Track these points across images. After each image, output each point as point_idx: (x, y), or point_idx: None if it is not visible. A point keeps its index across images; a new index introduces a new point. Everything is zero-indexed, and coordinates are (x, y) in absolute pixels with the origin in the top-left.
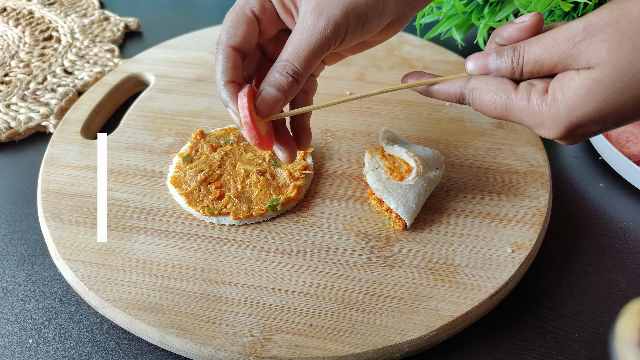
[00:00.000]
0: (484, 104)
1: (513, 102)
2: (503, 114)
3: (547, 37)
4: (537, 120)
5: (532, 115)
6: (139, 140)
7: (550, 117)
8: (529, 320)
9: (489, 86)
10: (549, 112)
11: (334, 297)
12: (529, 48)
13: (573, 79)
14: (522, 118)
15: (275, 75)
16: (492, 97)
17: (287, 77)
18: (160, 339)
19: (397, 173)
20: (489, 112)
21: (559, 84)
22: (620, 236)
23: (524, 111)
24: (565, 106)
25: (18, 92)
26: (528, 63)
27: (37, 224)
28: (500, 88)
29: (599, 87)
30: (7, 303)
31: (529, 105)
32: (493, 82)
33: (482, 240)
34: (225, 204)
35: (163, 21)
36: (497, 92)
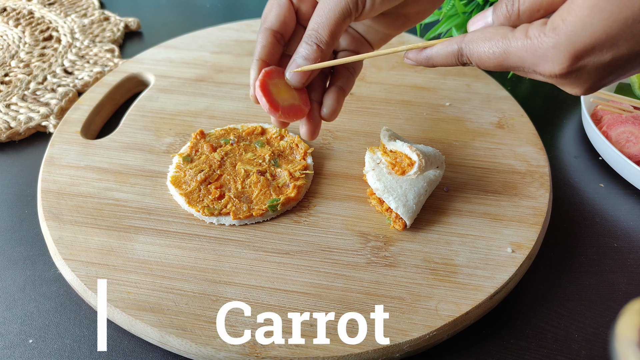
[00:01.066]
0: (482, 53)
1: (511, 42)
2: (503, 60)
3: None
4: (537, 54)
5: (531, 50)
6: (139, 140)
7: (552, 47)
8: (529, 320)
9: (485, 34)
10: (548, 41)
11: (334, 297)
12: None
13: (574, 2)
14: (522, 57)
15: (302, 46)
16: (489, 44)
17: (313, 45)
18: (160, 339)
19: (399, 167)
20: (488, 60)
21: (559, 13)
22: (620, 236)
23: (523, 49)
24: (565, 32)
25: (18, 92)
26: (525, 2)
27: (37, 224)
28: (498, 32)
29: (602, 2)
30: (7, 303)
31: (526, 41)
32: (490, 30)
33: (482, 240)
34: (225, 204)
35: (163, 21)
36: (493, 37)
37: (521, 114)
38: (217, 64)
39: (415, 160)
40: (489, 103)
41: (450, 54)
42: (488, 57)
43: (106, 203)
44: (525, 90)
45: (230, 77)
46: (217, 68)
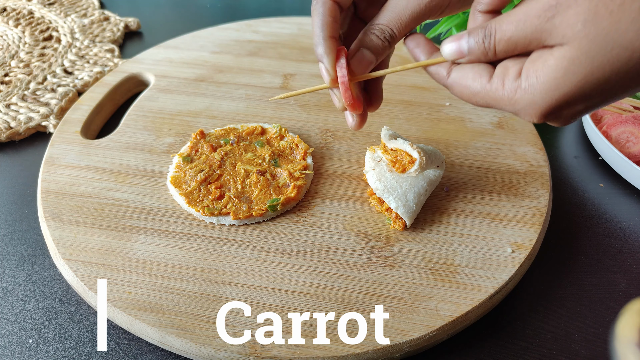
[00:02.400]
0: (466, 97)
1: (489, 92)
2: (486, 104)
3: (518, 12)
4: (515, 107)
5: (509, 102)
6: (139, 140)
7: (528, 104)
8: (529, 320)
9: (466, 79)
10: (525, 98)
11: (334, 297)
12: (500, 26)
13: (547, 61)
14: (502, 107)
15: (372, 38)
16: (470, 90)
17: (385, 41)
18: (160, 339)
19: (400, 165)
20: (474, 103)
21: (533, 67)
22: (620, 236)
23: (501, 100)
24: (540, 91)
25: (18, 92)
26: (500, 42)
27: (37, 224)
28: (477, 79)
29: (575, 66)
30: (7, 303)
31: (504, 94)
32: (469, 74)
33: (482, 240)
34: (225, 204)
35: (163, 21)
36: (473, 84)
37: None
38: (217, 64)
39: (416, 158)
40: None
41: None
42: (473, 102)
43: (106, 203)
44: None
45: (230, 77)
46: (217, 68)
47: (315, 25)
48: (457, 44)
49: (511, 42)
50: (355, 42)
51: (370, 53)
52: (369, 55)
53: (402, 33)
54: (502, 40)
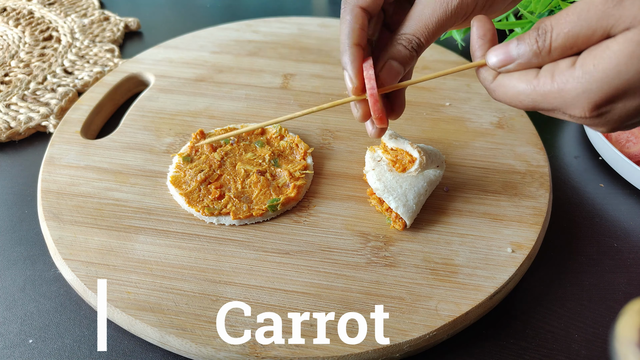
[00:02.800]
0: (509, 98)
1: (536, 88)
2: (532, 103)
3: (578, 5)
4: (565, 99)
5: (559, 95)
6: (139, 140)
7: (581, 93)
8: (529, 320)
9: (511, 79)
10: (578, 87)
11: (334, 297)
12: (557, 22)
13: (609, 47)
14: (550, 101)
15: (399, 49)
16: (516, 89)
17: (412, 51)
18: (160, 339)
19: (400, 164)
20: (518, 105)
21: (591, 55)
22: (620, 236)
23: (550, 94)
24: (597, 79)
25: (18, 92)
26: (559, 37)
27: (37, 224)
28: (522, 77)
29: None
30: (7, 303)
31: (553, 86)
32: (515, 74)
33: (482, 240)
34: (225, 204)
35: (163, 21)
36: (518, 83)
37: (521, 114)
38: (217, 64)
39: (417, 157)
40: (489, 103)
41: (483, 82)
42: (517, 104)
43: (106, 203)
44: None
45: (230, 77)
46: (217, 68)
47: (342, 33)
48: (505, 49)
49: (571, 36)
50: (382, 54)
51: (398, 64)
52: (396, 66)
53: (429, 41)
54: (561, 35)
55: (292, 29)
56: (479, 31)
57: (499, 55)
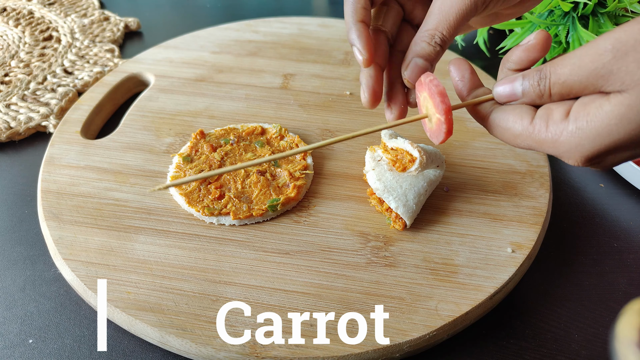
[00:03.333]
0: (506, 138)
1: (532, 134)
2: (528, 147)
3: (572, 56)
4: (559, 149)
5: (552, 145)
6: (139, 140)
7: (573, 147)
8: (529, 320)
9: (507, 121)
10: (571, 141)
11: (334, 297)
12: (554, 69)
13: (601, 106)
14: (544, 148)
15: (422, 46)
16: (512, 132)
17: (436, 46)
18: (160, 339)
19: (400, 164)
20: (515, 145)
21: (584, 111)
22: (620, 236)
23: (544, 142)
24: (589, 135)
25: (18, 92)
26: (555, 85)
27: (37, 224)
28: (517, 121)
29: (632, 113)
30: (7, 303)
31: (547, 136)
32: (510, 116)
33: (482, 240)
34: (225, 204)
35: (163, 21)
36: (514, 126)
37: None
38: (217, 64)
39: (417, 157)
40: None
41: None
42: (514, 143)
43: (106, 203)
44: None
45: (230, 77)
46: (217, 68)
47: (346, 14)
48: (511, 86)
49: (566, 86)
50: (407, 53)
51: (423, 61)
52: (422, 64)
53: (452, 35)
54: (557, 83)
55: (292, 29)
56: (457, 74)
57: (505, 90)
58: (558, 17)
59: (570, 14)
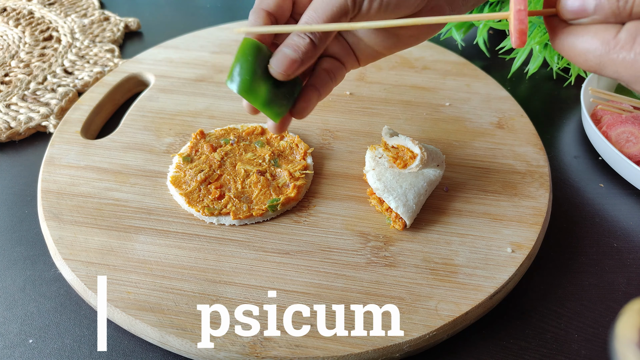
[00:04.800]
0: (574, 55)
1: (612, 50)
2: (597, 67)
3: None
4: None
5: (632, 66)
6: (139, 140)
7: None
8: (529, 320)
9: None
10: None
11: (334, 297)
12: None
13: None
14: (618, 71)
15: (293, 38)
16: (584, 47)
17: (305, 38)
18: (160, 339)
19: (401, 161)
20: (580, 62)
21: None
22: (620, 236)
23: (624, 61)
24: None
25: (18, 92)
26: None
27: (37, 224)
28: (599, 33)
29: None
30: (7, 303)
31: (630, 55)
32: (591, 31)
33: (482, 240)
34: (225, 204)
35: (163, 21)
36: (592, 40)
37: (521, 114)
38: (217, 64)
39: (418, 154)
40: (489, 103)
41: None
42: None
43: (106, 203)
44: (525, 90)
45: None
46: (217, 68)
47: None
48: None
49: None
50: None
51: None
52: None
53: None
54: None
55: None
56: None
57: (574, 4)
58: None
59: None
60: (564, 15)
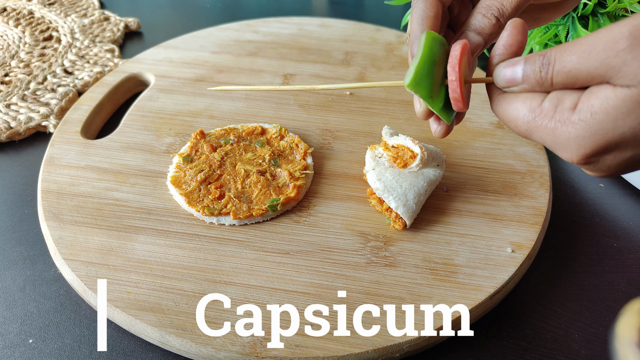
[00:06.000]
0: (507, 117)
1: (536, 118)
2: (526, 133)
3: (583, 42)
4: (557, 139)
5: (552, 133)
6: (139, 140)
7: (572, 139)
8: (529, 320)
9: (516, 102)
10: (571, 132)
11: (334, 297)
12: (560, 56)
13: (607, 99)
14: (542, 137)
15: (477, 18)
16: (516, 111)
17: (492, 18)
18: (160, 339)
19: (401, 160)
20: (512, 128)
21: (589, 102)
22: (620, 236)
23: (545, 129)
24: (591, 128)
25: (18, 92)
26: (559, 74)
27: (37, 224)
28: (527, 101)
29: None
30: (7, 303)
31: (550, 123)
32: (521, 97)
33: (482, 240)
34: (225, 204)
35: (163, 21)
36: (521, 107)
37: None
38: (217, 64)
39: (418, 153)
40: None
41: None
42: (512, 125)
43: (106, 203)
44: None
45: (230, 77)
46: (217, 68)
47: (412, 21)
48: (512, 69)
49: (571, 76)
50: (463, 26)
51: (474, 34)
52: (473, 37)
53: (513, 8)
54: (561, 72)
55: (292, 29)
56: (508, 39)
57: (506, 74)
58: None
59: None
60: (497, 83)
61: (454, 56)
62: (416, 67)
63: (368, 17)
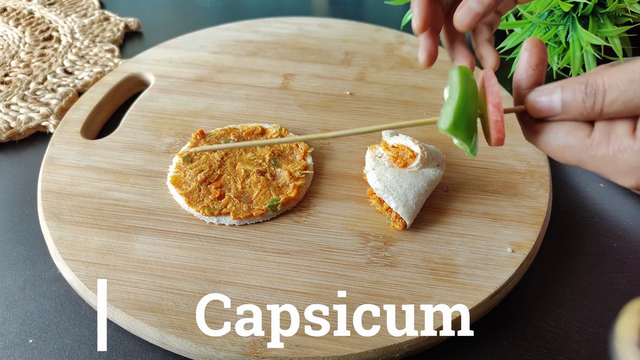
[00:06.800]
0: (554, 149)
1: (589, 148)
2: (578, 161)
3: (628, 68)
4: (617, 167)
5: (611, 161)
6: (139, 140)
7: (634, 167)
8: (529, 320)
9: (561, 130)
10: (634, 160)
11: (334, 297)
12: (610, 83)
13: None
14: (598, 165)
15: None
16: (564, 142)
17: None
18: (160, 339)
19: (401, 160)
20: (558, 158)
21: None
22: (620, 236)
23: (602, 158)
24: None
25: (18, 92)
26: (613, 104)
27: (37, 224)
28: (572, 132)
29: None
30: (7, 303)
31: (607, 151)
32: (565, 125)
33: (482, 240)
34: (225, 204)
35: (163, 21)
36: (567, 137)
37: None
38: (217, 64)
39: (418, 153)
40: None
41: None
42: (559, 157)
43: (106, 203)
44: None
45: (230, 77)
46: (217, 68)
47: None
48: (549, 99)
49: (626, 104)
50: None
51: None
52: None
53: None
54: (617, 102)
55: (292, 29)
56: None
57: (542, 103)
58: (558, 17)
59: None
60: (532, 114)
61: (494, 93)
62: (455, 109)
63: (368, 17)
